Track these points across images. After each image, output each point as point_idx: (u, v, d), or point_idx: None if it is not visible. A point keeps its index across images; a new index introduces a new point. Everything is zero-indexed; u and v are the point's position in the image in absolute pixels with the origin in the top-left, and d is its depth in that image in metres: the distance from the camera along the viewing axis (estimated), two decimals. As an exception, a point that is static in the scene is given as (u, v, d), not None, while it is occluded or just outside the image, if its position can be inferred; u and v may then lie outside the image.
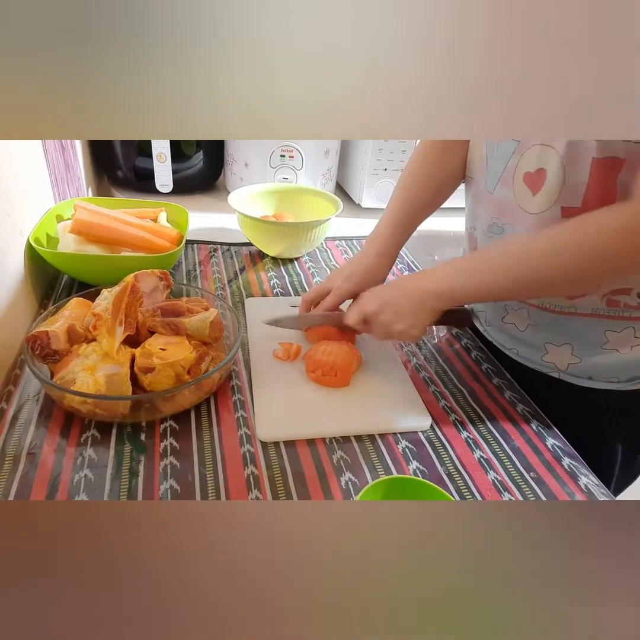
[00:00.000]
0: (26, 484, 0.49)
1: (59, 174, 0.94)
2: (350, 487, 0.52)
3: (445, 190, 0.74)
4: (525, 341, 0.68)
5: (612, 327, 0.60)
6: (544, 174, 0.56)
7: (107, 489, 0.50)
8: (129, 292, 0.59)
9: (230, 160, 1.26)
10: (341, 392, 0.64)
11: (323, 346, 0.65)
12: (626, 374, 0.64)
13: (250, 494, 0.51)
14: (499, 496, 0.53)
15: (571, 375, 0.66)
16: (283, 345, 0.70)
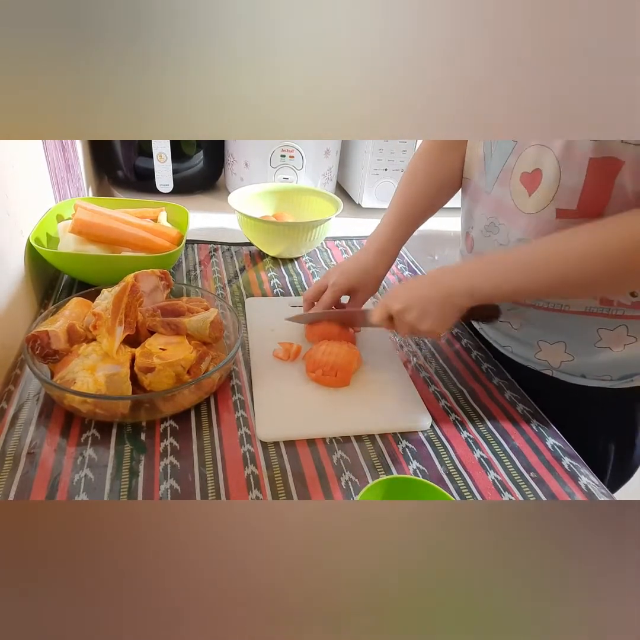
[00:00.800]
0: (26, 484, 0.49)
1: (59, 173, 0.94)
2: (350, 487, 0.52)
3: (447, 191, 0.74)
4: (519, 339, 0.69)
5: (605, 325, 0.61)
6: (539, 175, 0.56)
7: (107, 489, 0.50)
8: (129, 292, 0.59)
9: (231, 160, 1.26)
10: (341, 392, 0.64)
11: (323, 346, 0.65)
12: (619, 372, 0.64)
13: (250, 494, 0.51)
14: (499, 496, 0.53)
15: (564, 373, 0.66)
16: (283, 345, 0.70)
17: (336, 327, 0.70)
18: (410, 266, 1.01)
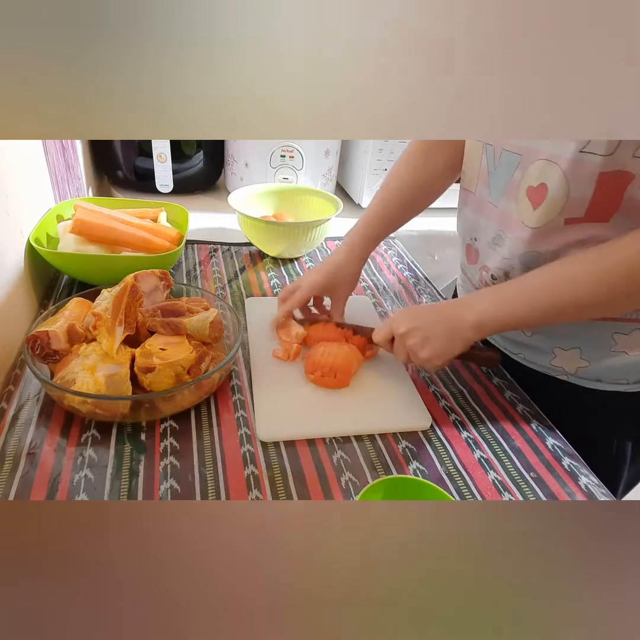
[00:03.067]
0: (26, 484, 0.49)
1: (59, 174, 0.94)
2: (350, 487, 0.52)
3: (428, 195, 0.74)
4: (533, 346, 0.68)
5: (620, 330, 0.60)
6: (545, 189, 0.55)
7: (107, 489, 0.50)
8: (129, 292, 0.59)
9: (231, 160, 1.26)
10: (341, 392, 0.64)
11: (322, 347, 0.65)
12: (635, 376, 0.64)
13: (250, 494, 0.51)
14: (499, 496, 0.53)
15: (580, 378, 0.66)
16: (283, 345, 0.70)
17: (334, 331, 0.70)
18: (410, 266, 1.01)
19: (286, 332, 0.71)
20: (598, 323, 0.60)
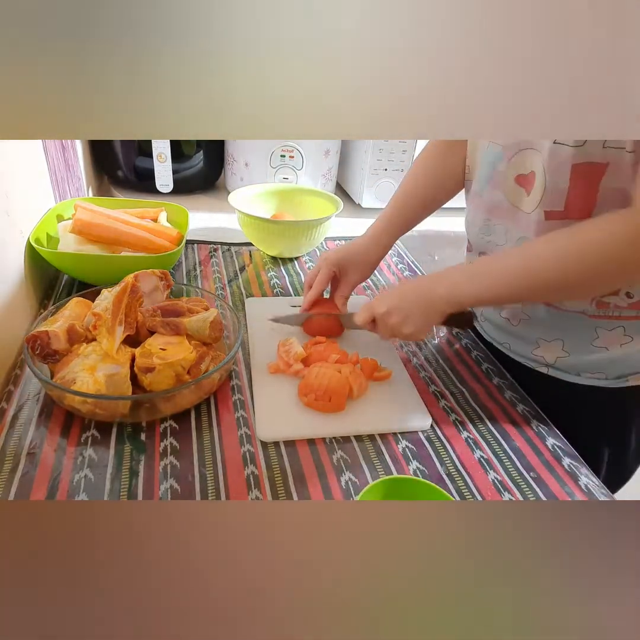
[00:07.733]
0: (26, 484, 0.49)
1: (59, 173, 0.94)
2: (350, 487, 0.52)
3: (446, 190, 0.75)
4: (518, 335, 0.70)
5: (603, 326, 0.62)
6: (534, 176, 0.57)
7: (107, 489, 0.50)
8: (129, 292, 0.59)
9: (230, 160, 1.26)
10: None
11: (317, 368, 0.62)
12: (615, 371, 0.65)
13: (250, 494, 0.51)
14: (499, 496, 0.53)
15: (559, 371, 0.67)
16: (280, 364, 0.67)
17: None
18: (410, 266, 1.01)
19: (286, 350, 0.68)
20: (582, 317, 0.61)
